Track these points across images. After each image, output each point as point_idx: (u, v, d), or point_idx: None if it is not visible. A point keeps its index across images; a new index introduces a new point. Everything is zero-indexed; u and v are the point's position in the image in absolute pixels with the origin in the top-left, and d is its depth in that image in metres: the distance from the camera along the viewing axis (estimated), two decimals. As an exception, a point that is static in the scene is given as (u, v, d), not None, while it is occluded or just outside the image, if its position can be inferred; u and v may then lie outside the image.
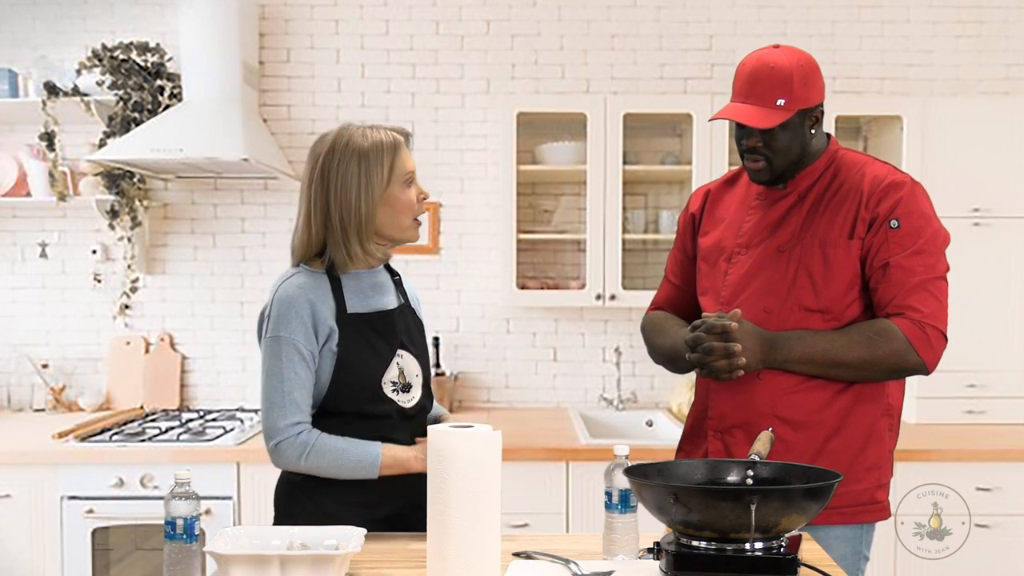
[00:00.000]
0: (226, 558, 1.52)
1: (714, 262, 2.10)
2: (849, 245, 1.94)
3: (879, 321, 1.92)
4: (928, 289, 1.92)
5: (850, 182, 1.98)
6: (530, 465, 3.09)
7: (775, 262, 1.99)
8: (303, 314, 1.88)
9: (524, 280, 3.66)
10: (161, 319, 3.85)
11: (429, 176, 3.81)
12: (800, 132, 1.96)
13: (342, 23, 3.83)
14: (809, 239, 1.97)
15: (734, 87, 1.99)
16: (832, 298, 1.94)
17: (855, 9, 3.83)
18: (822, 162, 2.02)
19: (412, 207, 1.95)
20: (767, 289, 1.98)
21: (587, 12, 3.83)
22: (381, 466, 1.87)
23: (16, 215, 3.83)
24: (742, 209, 2.10)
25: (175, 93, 3.62)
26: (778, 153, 1.96)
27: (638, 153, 3.74)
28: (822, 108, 1.99)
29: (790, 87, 1.90)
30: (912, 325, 1.89)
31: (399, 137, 1.96)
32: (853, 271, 1.94)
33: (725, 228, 2.10)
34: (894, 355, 1.89)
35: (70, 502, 3.07)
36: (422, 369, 2.03)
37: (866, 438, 1.99)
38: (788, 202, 2.03)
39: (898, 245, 1.91)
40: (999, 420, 3.44)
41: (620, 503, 1.73)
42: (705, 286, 2.12)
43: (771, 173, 1.99)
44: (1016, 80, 3.84)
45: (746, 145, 1.98)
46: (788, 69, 1.91)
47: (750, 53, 2.00)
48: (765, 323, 1.96)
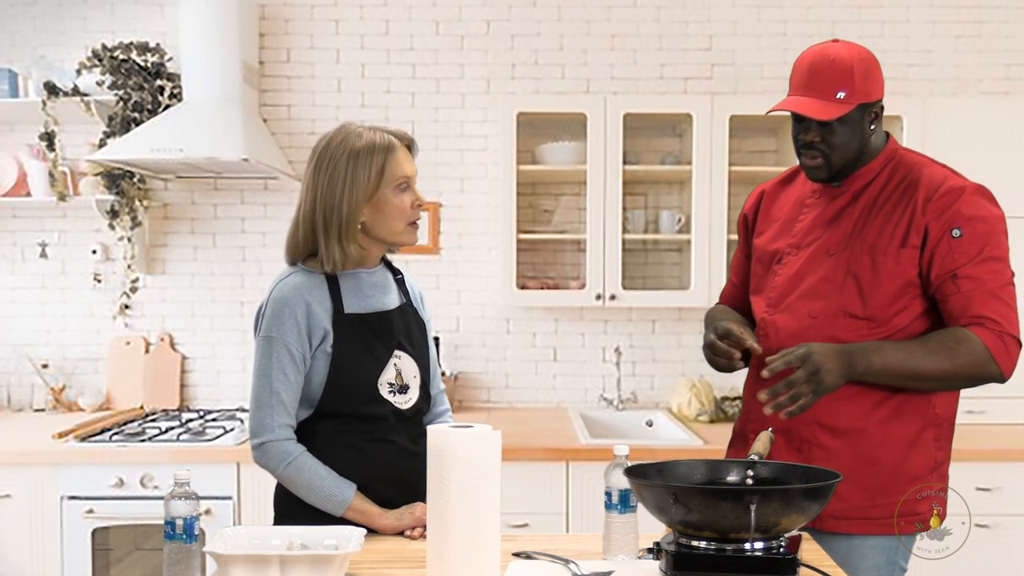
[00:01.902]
0: (226, 558, 1.52)
1: (766, 262, 2.06)
2: (900, 253, 1.88)
3: (957, 330, 1.85)
4: (999, 297, 1.86)
5: (905, 185, 1.93)
6: (530, 465, 3.08)
7: (823, 265, 1.94)
8: (297, 315, 1.88)
9: (524, 280, 3.66)
10: (161, 319, 3.85)
11: (429, 176, 3.81)
12: (859, 127, 1.91)
13: (342, 23, 3.83)
14: (859, 244, 1.91)
15: (792, 81, 1.94)
16: (879, 306, 1.88)
17: (855, 9, 3.83)
18: (879, 161, 1.97)
19: (404, 212, 1.93)
20: (814, 293, 1.93)
21: (587, 12, 3.83)
22: (348, 509, 1.88)
23: (16, 215, 3.83)
24: (797, 207, 2.06)
25: (175, 93, 3.62)
26: (836, 149, 1.91)
27: (638, 153, 3.74)
28: (882, 104, 1.94)
29: (851, 80, 1.86)
30: (991, 334, 1.83)
31: (395, 141, 1.94)
32: (903, 279, 1.88)
33: (780, 228, 2.07)
34: (974, 365, 1.83)
35: (70, 502, 3.07)
36: (420, 371, 2.02)
37: (909, 448, 1.93)
38: (842, 201, 1.97)
39: (963, 254, 1.85)
40: (999, 420, 3.44)
41: (620, 503, 1.73)
42: (757, 286, 2.09)
43: (828, 171, 1.94)
44: (1016, 80, 3.84)
45: (803, 140, 1.93)
46: (849, 62, 1.87)
47: (809, 47, 1.95)
48: (809, 328, 1.92)
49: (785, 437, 1.95)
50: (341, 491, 1.88)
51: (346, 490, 1.88)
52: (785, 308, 1.97)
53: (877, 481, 1.91)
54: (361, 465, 1.93)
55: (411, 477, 1.91)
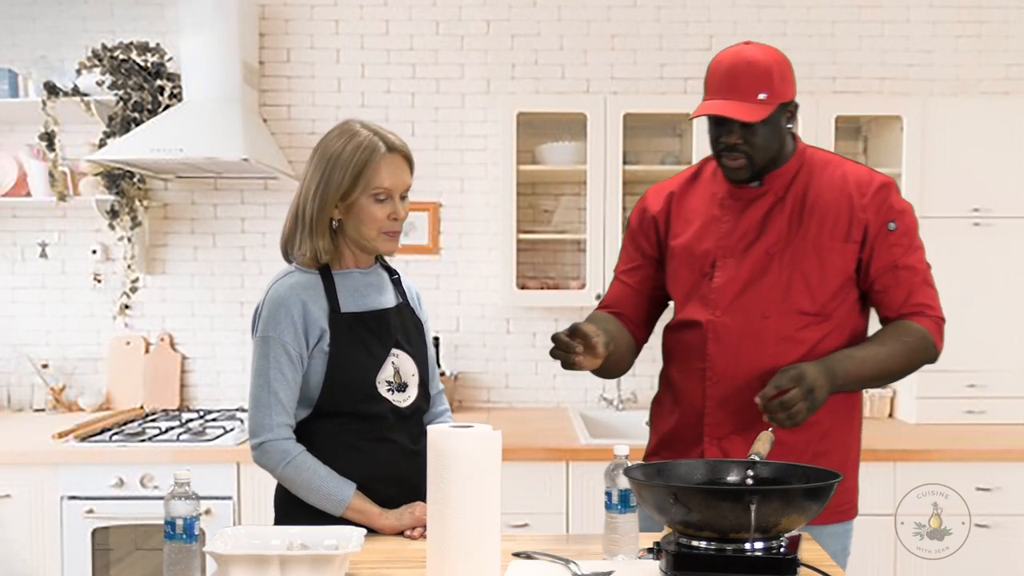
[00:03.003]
0: (226, 558, 1.52)
1: (693, 266, 2.07)
2: (844, 248, 1.96)
3: (904, 324, 1.97)
4: (929, 283, 2.01)
5: (831, 183, 1.99)
6: (530, 465, 3.08)
7: (767, 266, 1.98)
8: (293, 315, 1.89)
9: (524, 280, 3.66)
10: (161, 319, 3.84)
11: (429, 176, 3.81)
12: (779, 127, 1.95)
13: (342, 23, 3.83)
14: (800, 242, 1.97)
15: (709, 85, 1.96)
16: (825, 301, 1.96)
17: (855, 9, 3.83)
18: (794, 161, 2.02)
19: (376, 221, 1.91)
20: (763, 294, 1.97)
21: (587, 12, 3.83)
22: (348, 508, 1.88)
23: (16, 215, 3.83)
24: (712, 208, 2.07)
25: (175, 93, 3.61)
26: (759, 149, 1.94)
27: (638, 153, 3.74)
28: (797, 103, 1.99)
29: (771, 81, 1.90)
30: (930, 322, 1.97)
31: (382, 149, 1.90)
32: (846, 274, 1.97)
33: (700, 229, 2.07)
34: (923, 353, 1.96)
35: (70, 502, 3.07)
36: (419, 369, 2.02)
37: (849, 438, 2.06)
38: (767, 202, 2.01)
39: (899, 246, 1.97)
40: (999, 420, 3.44)
41: (620, 503, 1.73)
42: (684, 290, 2.09)
43: (751, 171, 1.98)
44: (1016, 80, 3.84)
45: (726, 143, 1.96)
46: (767, 63, 1.91)
47: (721, 51, 1.98)
48: (763, 329, 1.96)
49: (742, 437, 1.98)
50: (340, 490, 1.88)
51: (346, 489, 1.88)
52: (734, 310, 1.99)
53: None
54: (361, 464, 1.93)
55: (411, 476, 1.91)
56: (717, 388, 2.00)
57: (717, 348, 2.00)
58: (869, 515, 3.07)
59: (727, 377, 1.98)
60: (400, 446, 1.96)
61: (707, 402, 2.02)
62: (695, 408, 2.05)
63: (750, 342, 1.97)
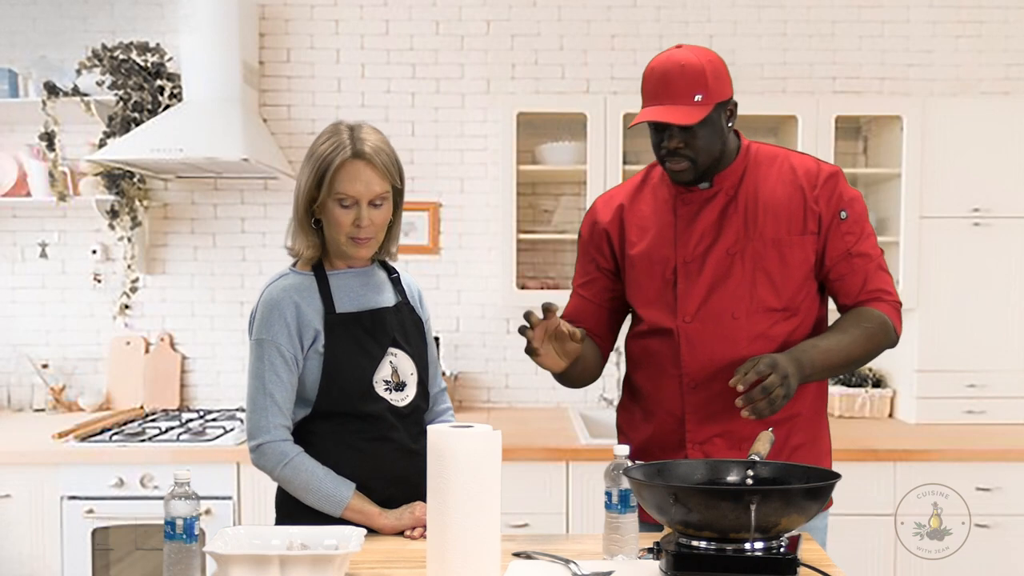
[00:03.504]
0: (226, 558, 1.52)
1: (653, 273, 2.05)
2: (803, 241, 1.97)
3: (863, 310, 1.98)
4: (883, 268, 2.03)
5: (780, 176, 2.00)
6: (530, 465, 3.09)
7: (729, 267, 1.98)
8: (287, 317, 1.90)
9: (524, 280, 3.66)
10: (161, 319, 3.85)
11: (429, 176, 3.81)
12: (719, 127, 1.95)
13: (342, 23, 3.83)
14: (758, 239, 1.97)
15: (645, 92, 1.95)
16: (790, 295, 1.97)
17: (855, 9, 3.83)
18: (740, 158, 2.03)
19: (342, 227, 1.90)
20: (730, 295, 1.97)
21: (587, 12, 3.83)
22: (347, 509, 1.88)
23: (16, 215, 3.83)
24: (665, 214, 2.06)
25: (175, 93, 3.61)
26: (701, 151, 1.94)
27: (638, 153, 3.73)
28: (735, 102, 1.99)
29: (704, 82, 1.89)
30: (887, 306, 1.99)
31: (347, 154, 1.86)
32: (808, 266, 1.99)
33: (656, 236, 2.05)
34: (884, 337, 1.98)
35: (70, 502, 3.07)
36: (418, 368, 2.02)
37: (821, 426, 2.08)
38: (719, 202, 2.01)
39: (851, 234, 1.99)
40: (999, 420, 3.44)
41: (620, 503, 1.73)
42: (647, 298, 2.07)
43: (695, 172, 1.97)
44: (1016, 80, 3.84)
45: (667, 148, 1.95)
46: (699, 64, 1.90)
47: (654, 58, 1.97)
48: (734, 329, 1.96)
49: (724, 440, 1.98)
50: (339, 491, 1.88)
51: (344, 490, 1.88)
52: (704, 316, 1.98)
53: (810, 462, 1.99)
54: (360, 464, 1.93)
55: (411, 476, 1.91)
56: (695, 394, 1.99)
57: (691, 354, 1.99)
58: (869, 515, 3.09)
59: (704, 382, 1.98)
60: (399, 445, 1.96)
61: (686, 408, 2.01)
62: (674, 415, 2.03)
63: (723, 344, 1.96)
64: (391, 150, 1.94)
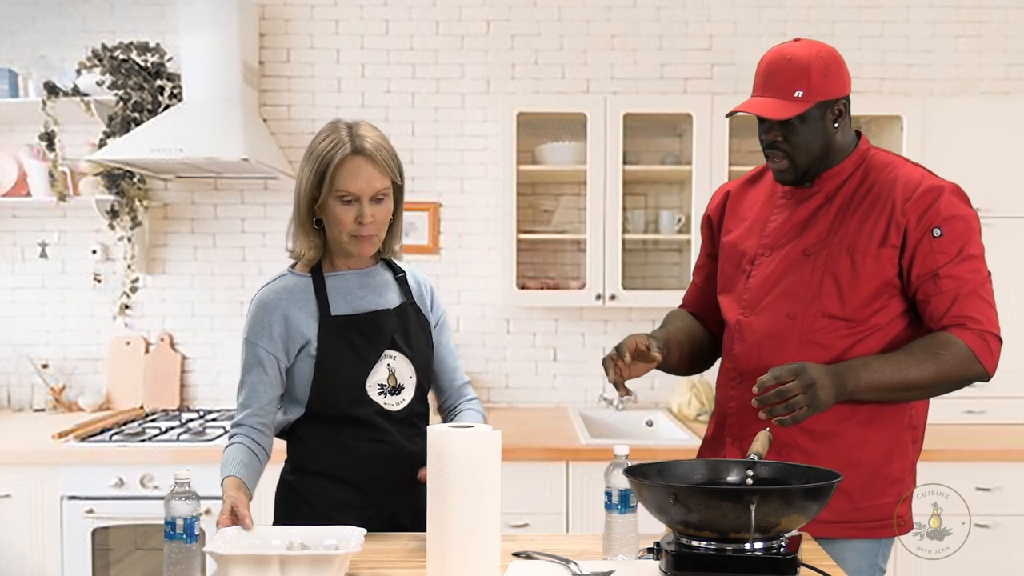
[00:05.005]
0: (226, 558, 1.52)
1: (736, 262, 2.04)
2: (880, 253, 1.87)
3: (940, 335, 1.85)
4: (980, 295, 1.88)
5: (880, 184, 1.91)
6: (530, 465, 3.08)
7: (800, 266, 1.92)
8: (273, 321, 1.91)
9: (524, 280, 3.66)
10: (161, 319, 3.85)
11: (429, 176, 3.81)
12: (821, 126, 1.90)
13: (342, 23, 3.83)
14: (837, 244, 1.90)
15: (754, 82, 1.96)
16: (857, 306, 1.87)
17: (855, 9, 3.83)
18: (851, 161, 1.96)
19: (343, 224, 1.88)
20: (791, 294, 1.92)
21: (587, 12, 3.83)
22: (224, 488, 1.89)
23: (16, 215, 3.83)
24: (767, 207, 2.04)
25: (175, 93, 3.61)
26: (798, 148, 1.90)
27: (638, 153, 3.74)
28: (847, 101, 1.93)
29: (808, 78, 1.86)
30: (973, 335, 1.85)
31: (347, 150, 1.85)
32: (882, 279, 1.87)
33: (749, 227, 2.04)
34: (960, 368, 1.84)
35: (70, 502, 3.07)
36: (417, 371, 1.99)
37: (889, 450, 1.93)
38: (815, 202, 1.96)
39: (944, 254, 1.85)
40: (999, 420, 3.44)
41: (620, 503, 1.73)
42: (725, 285, 2.07)
43: (795, 171, 1.93)
44: (1016, 80, 3.84)
45: (766, 140, 1.94)
46: (806, 60, 1.87)
47: (771, 48, 1.96)
48: (789, 329, 1.91)
49: None
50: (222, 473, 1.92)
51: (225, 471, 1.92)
52: (761, 310, 1.95)
53: (857, 484, 1.89)
54: (353, 466, 1.93)
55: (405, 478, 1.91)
56: (738, 389, 1.97)
57: (742, 347, 1.97)
58: (869, 515, 3.08)
59: (748, 378, 1.92)
60: (396, 447, 1.95)
61: (730, 403, 2.00)
62: (721, 409, 2.05)
63: (773, 343, 1.92)
64: (390, 146, 1.93)
